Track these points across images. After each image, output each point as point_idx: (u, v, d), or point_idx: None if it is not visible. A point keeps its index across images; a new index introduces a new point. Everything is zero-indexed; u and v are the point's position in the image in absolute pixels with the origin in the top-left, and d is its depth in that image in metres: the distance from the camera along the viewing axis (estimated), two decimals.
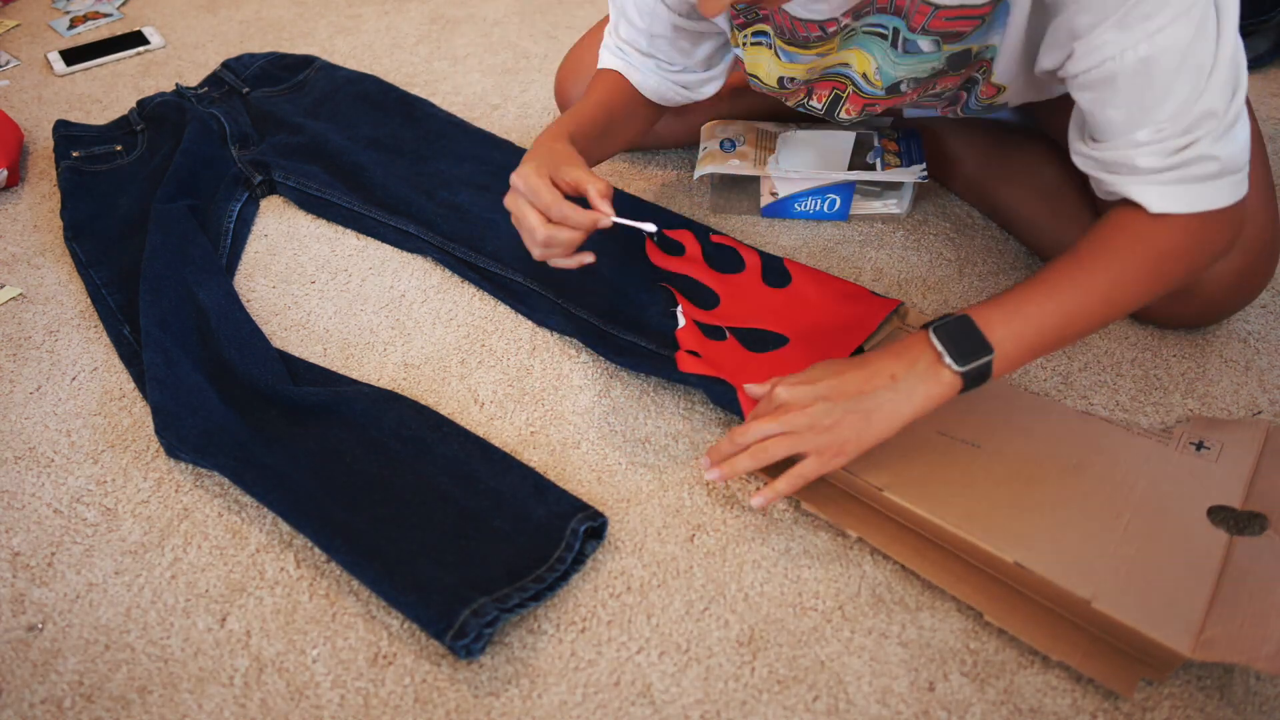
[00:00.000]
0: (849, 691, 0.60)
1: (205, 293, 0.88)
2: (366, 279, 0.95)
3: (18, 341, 0.90)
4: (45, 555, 0.71)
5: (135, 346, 0.86)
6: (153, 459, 0.78)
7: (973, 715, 0.58)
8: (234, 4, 1.51)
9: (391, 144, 1.10)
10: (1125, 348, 0.82)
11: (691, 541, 0.69)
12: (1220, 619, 0.57)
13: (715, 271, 0.89)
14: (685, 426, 0.77)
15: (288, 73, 1.21)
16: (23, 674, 0.64)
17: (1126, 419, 0.75)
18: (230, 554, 0.70)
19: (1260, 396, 0.77)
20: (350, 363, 0.86)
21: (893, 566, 0.67)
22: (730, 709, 0.60)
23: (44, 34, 1.46)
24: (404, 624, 0.65)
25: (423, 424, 0.76)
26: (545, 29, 1.37)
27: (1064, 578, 0.60)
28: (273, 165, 1.06)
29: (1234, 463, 0.67)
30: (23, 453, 0.79)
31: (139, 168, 1.07)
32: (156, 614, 0.67)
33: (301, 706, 0.61)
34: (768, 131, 0.98)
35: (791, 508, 0.71)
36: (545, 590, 0.64)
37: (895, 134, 0.97)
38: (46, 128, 1.20)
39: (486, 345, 0.87)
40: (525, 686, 0.61)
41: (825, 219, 0.98)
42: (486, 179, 1.04)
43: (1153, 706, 0.58)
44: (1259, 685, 0.59)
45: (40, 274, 0.98)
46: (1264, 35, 1.17)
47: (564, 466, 0.75)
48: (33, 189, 1.10)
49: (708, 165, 0.94)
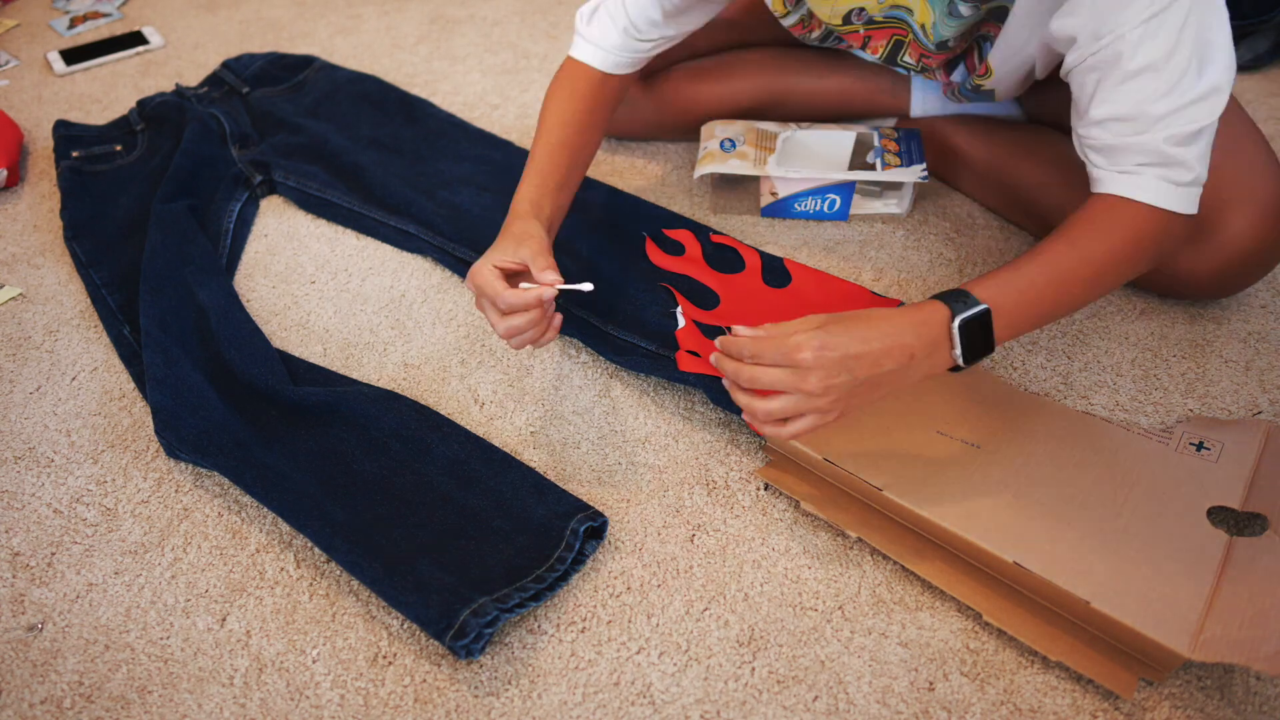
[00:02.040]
0: (849, 691, 0.60)
1: (205, 293, 0.88)
2: (366, 279, 0.95)
3: (18, 341, 0.90)
4: (45, 555, 0.71)
5: (135, 346, 0.86)
6: (153, 459, 0.78)
7: (973, 715, 0.58)
8: (234, 4, 1.51)
9: (391, 144, 1.10)
10: (1125, 348, 0.82)
11: (691, 541, 0.69)
12: (1219, 619, 0.57)
13: (715, 271, 0.89)
14: (685, 426, 0.77)
15: (288, 73, 1.21)
16: (23, 674, 0.64)
17: (1126, 419, 0.75)
18: (230, 554, 0.70)
19: (1260, 396, 0.77)
20: (350, 363, 0.86)
21: (893, 566, 0.67)
22: (730, 709, 0.60)
23: (44, 34, 1.46)
24: (404, 624, 0.65)
25: (423, 424, 0.76)
26: (545, 29, 1.37)
27: (1063, 578, 0.60)
28: (273, 165, 1.06)
29: (1234, 463, 0.67)
30: (23, 453, 0.79)
31: (139, 168, 1.07)
32: (156, 614, 0.67)
33: (301, 706, 0.61)
34: (768, 131, 0.98)
35: (792, 508, 0.71)
36: (545, 590, 0.64)
37: (895, 133, 0.97)
38: (46, 128, 1.21)
39: (486, 345, 0.87)
40: (525, 686, 0.61)
41: (825, 219, 0.98)
42: (486, 179, 1.04)
43: (1152, 706, 0.58)
44: (1259, 685, 0.59)
45: (40, 274, 0.98)
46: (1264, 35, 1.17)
47: (564, 466, 0.75)
48: (33, 189, 1.10)
49: (707, 165, 0.94)
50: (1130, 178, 0.65)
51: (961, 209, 0.98)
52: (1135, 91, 0.63)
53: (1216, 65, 0.62)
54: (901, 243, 0.95)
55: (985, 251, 0.93)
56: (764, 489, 0.72)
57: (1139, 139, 0.64)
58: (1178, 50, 0.61)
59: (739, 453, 0.75)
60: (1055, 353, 0.81)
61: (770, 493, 0.72)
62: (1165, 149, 0.63)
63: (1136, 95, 0.63)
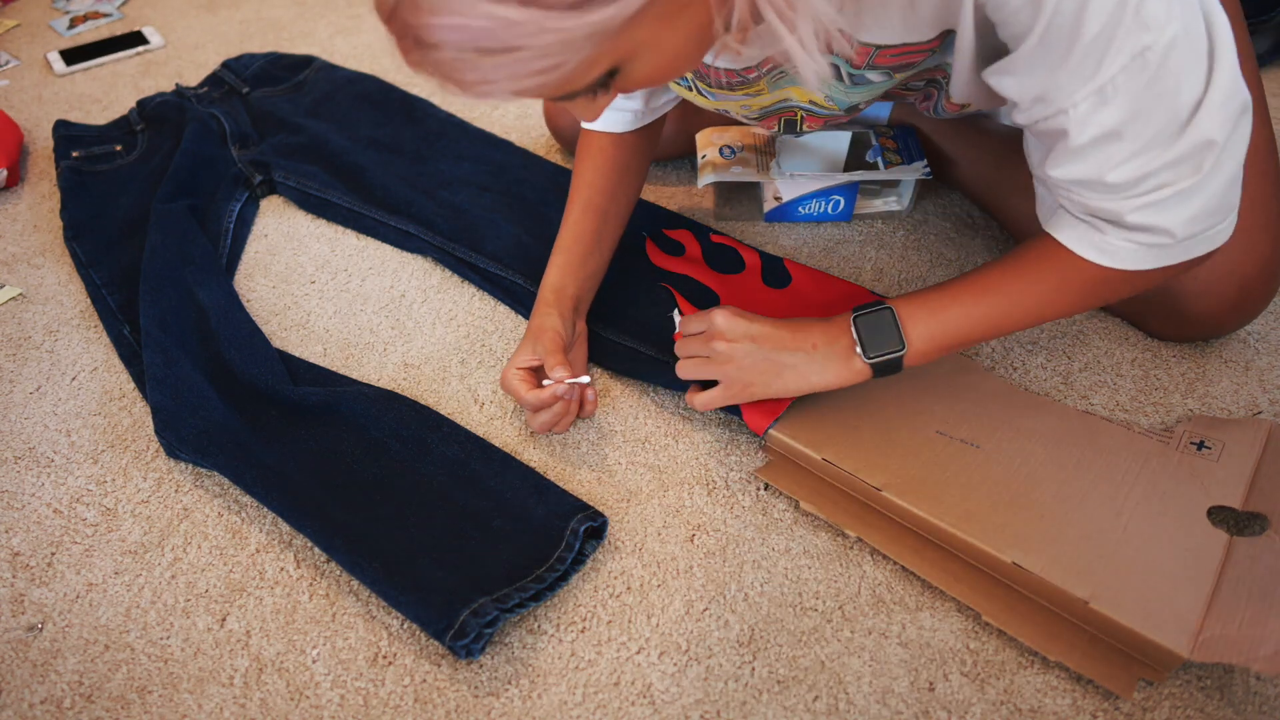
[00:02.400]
0: (849, 691, 0.60)
1: (205, 293, 0.88)
2: (366, 279, 0.95)
3: (18, 341, 0.90)
4: (45, 555, 0.71)
5: (135, 346, 0.86)
6: (153, 459, 0.78)
7: (973, 715, 0.58)
8: (234, 4, 1.51)
9: (391, 144, 1.10)
10: (1125, 348, 0.82)
11: (691, 541, 0.69)
12: (1219, 619, 0.57)
13: (715, 272, 0.89)
14: (685, 426, 0.77)
15: (287, 73, 1.21)
16: (23, 674, 0.64)
17: (1126, 419, 0.75)
18: (230, 554, 0.70)
19: (1260, 396, 0.77)
20: (350, 363, 0.86)
21: (893, 566, 0.67)
22: (730, 709, 0.60)
23: (44, 34, 1.46)
24: (404, 624, 0.65)
25: (422, 424, 0.76)
26: None
27: (1062, 578, 0.60)
28: (273, 165, 1.06)
29: (1234, 463, 0.67)
30: (23, 453, 0.79)
31: (139, 168, 1.07)
32: (156, 614, 0.67)
33: (301, 706, 0.61)
34: (764, 135, 0.98)
35: (792, 508, 0.71)
36: (545, 590, 0.64)
37: (891, 130, 0.96)
38: (46, 128, 1.21)
39: (486, 345, 0.87)
40: (525, 686, 0.61)
41: (828, 220, 0.97)
42: (486, 179, 1.04)
43: (1152, 706, 0.58)
44: (1259, 685, 0.59)
45: (40, 274, 0.98)
46: (1264, 35, 1.17)
47: (564, 466, 0.75)
48: (33, 189, 1.10)
49: (710, 173, 0.93)
50: (1086, 230, 0.59)
51: (961, 208, 0.98)
52: (1092, 157, 0.54)
53: (1208, 111, 0.51)
54: (902, 243, 0.94)
55: (985, 251, 0.93)
56: (764, 489, 0.72)
57: (1104, 204, 0.56)
58: (1146, 110, 0.51)
59: (739, 453, 0.75)
60: (1055, 353, 0.81)
61: (770, 493, 0.72)
62: (1134, 219, 0.55)
63: (1095, 160, 0.54)
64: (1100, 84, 0.50)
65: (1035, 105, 0.54)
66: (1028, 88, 0.54)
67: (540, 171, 1.05)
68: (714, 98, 0.75)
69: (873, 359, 0.65)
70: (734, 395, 0.70)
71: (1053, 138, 0.56)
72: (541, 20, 0.41)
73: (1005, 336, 0.83)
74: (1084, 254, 0.59)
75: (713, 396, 0.71)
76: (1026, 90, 0.54)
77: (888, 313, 0.65)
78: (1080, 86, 0.51)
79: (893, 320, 0.65)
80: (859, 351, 0.66)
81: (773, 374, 0.68)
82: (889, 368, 0.66)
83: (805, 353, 0.67)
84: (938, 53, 0.63)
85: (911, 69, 0.65)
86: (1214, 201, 0.55)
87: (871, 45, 0.61)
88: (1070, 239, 0.60)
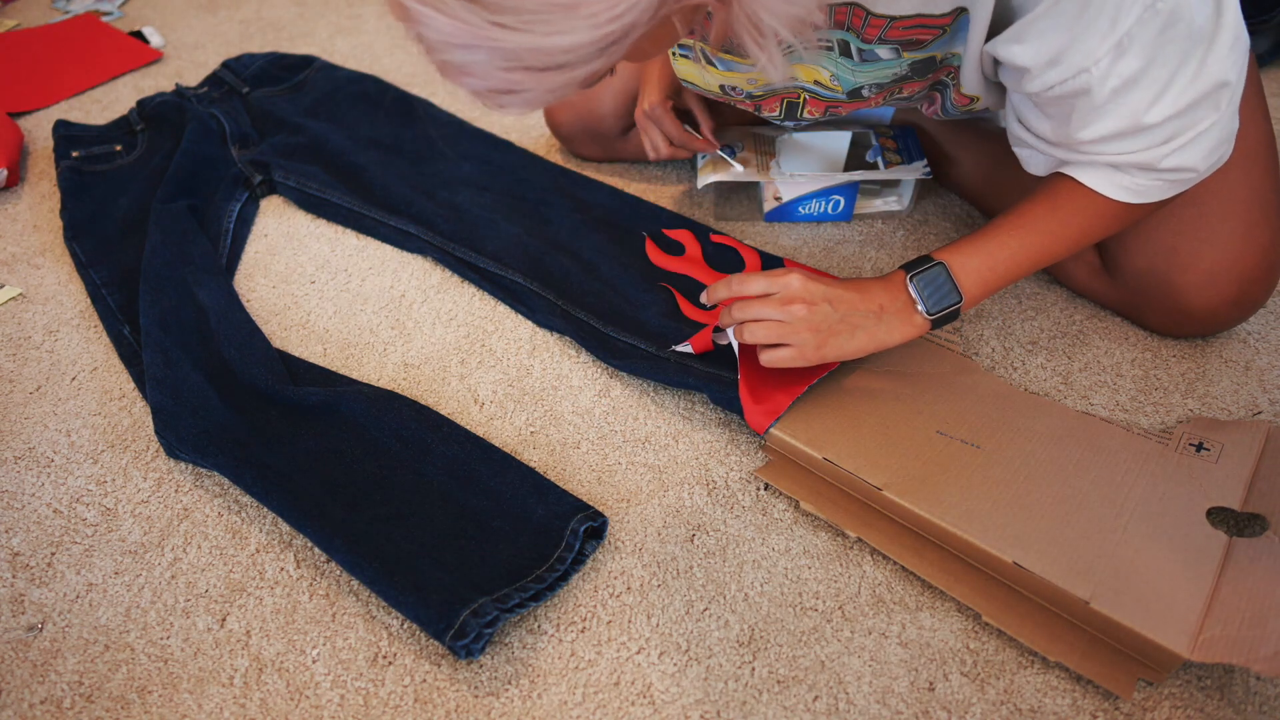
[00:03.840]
0: (849, 691, 0.60)
1: (205, 293, 0.88)
2: (366, 279, 0.95)
3: (18, 341, 0.90)
4: (45, 555, 0.71)
5: (135, 346, 0.86)
6: (153, 459, 0.78)
7: (973, 715, 0.58)
8: (234, 4, 1.51)
9: (391, 144, 1.10)
10: (1125, 348, 0.82)
11: (691, 541, 0.69)
12: (1219, 620, 0.57)
13: (715, 271, 0.89)
14: (685, 426, 0.77)
15: (288, 73, 1.21)
16: (23, 674, 0.64)
17: (1126, 419, 0.75)
18: (230, 554, 0.70)
19: (1260, 396, 0.77)
20: (350, 363, 0.86)
21: (893, 566, 0.67)
22: (730, 709, 0.60)
23: None
24: (404, 624, 0.65)
25: (422, 424, 0.76)
26: None
27: (1062, 578, 0.60)
28: (273, 165, 1.06)
29: (1234, 464, 0.67)
30: (23, 453, 0.79)
31: (139, 168, 1.07)
32: (156, 614, 0.67)
33: (301, 706, 0.61)
34: (763, 135, 0.98)
35: (792, 508, 0.71)
36: (545, 590, 0.64)
37: (891, 130, 0.97)
38: (46, 128, 1.21)
39: (486, 345, 0.87)
40: (525, 686, 0.61)
41: (828, 220, 0.97)
42: (486, 179, 1.04)
43: (1152, 706, 0.58)
44: (1259, 685, 0.59)
45: (40, 274, 0.98)
46: (1264, 35, 1.17)
47: (564, 466, 0.75)
48: (33, 189, 1.10)
49: (710, 174, 0.94)
50: (1110, 172, 0.63)
51: (962, 208, 0.98)
52: (1122, 106, 0.57)
53: (1219, 53, 0.55)
54: (902, 242, 0.94)
55: None
56: (764, 489, 0.72)
57: (1140, 156, 0.60)
58: (1163, 55, 0.55)
59: (739, 453, 0.75)
60: (1055, 353, 0.81)
61: (770, 493, 0.72)
62: (1167, 163, 0.60)
63: (1126, 109, 0.57)
64: (1118, 37, 0.54)
65: (1049, 69, 0.57)
66: (1041, 52, 0.56)
67: (540, 171, 1.05)
68: (723, 66, 0.76)
69: (934, 314, 0.69)
70: (806, 357, 0.70)
71: (1069, 101, 0.59)
72: (541, 83, 0.45)
73: (1007, 336, 0.83)
74: (1114, 195, 0.64)
75: (785, 355, 0.70)
76: (1041, 54, 0.56)
77: (941, 268, 0.68)
78: (1099, 44, 0.54)
79: (947, 275, 0.68)
80: (920, 309, 0.69)
81: (846, 335, 0.69)
82: (948, 318, 0.70)
83: (874, 313, 0.69)
84: (947, 36, 0.64)
85: (921, 49, 0.66)
86: (1226, 132, 0.61)
87: (885, 16, 0.63)
88: (1097, 182, 0.65)
